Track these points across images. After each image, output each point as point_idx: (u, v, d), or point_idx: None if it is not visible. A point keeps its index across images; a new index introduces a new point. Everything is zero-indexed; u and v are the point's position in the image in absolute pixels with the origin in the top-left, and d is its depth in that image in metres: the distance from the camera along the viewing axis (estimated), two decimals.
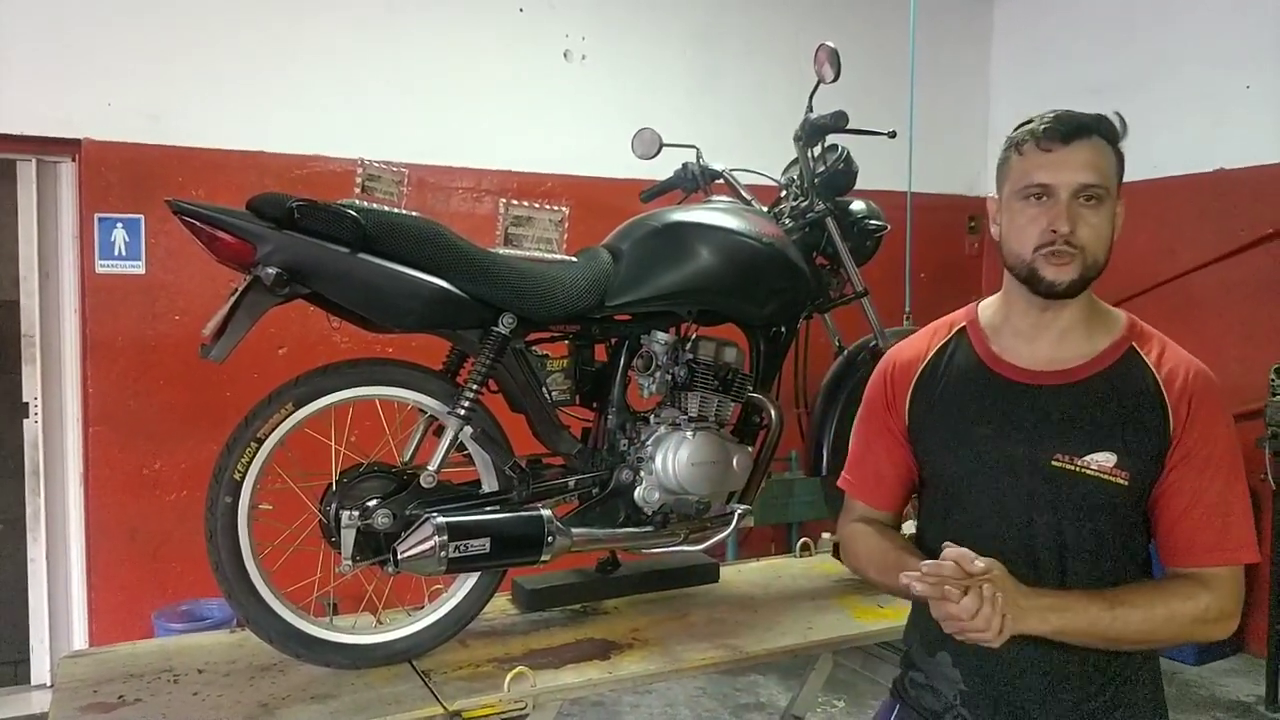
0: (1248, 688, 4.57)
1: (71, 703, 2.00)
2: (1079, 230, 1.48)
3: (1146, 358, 1.52)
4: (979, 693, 1.58)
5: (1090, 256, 1.50)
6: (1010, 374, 1.57)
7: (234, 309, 1.97)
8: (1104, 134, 1.52)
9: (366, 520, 2.11)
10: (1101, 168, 1.50)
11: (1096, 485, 1.47)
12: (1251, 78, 4.96)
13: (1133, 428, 1.48)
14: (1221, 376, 4.51)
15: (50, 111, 4.04)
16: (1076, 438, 1.49)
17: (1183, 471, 1.47)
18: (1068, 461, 1.49)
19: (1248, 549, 1.48)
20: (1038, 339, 1.57)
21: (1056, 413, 1.51)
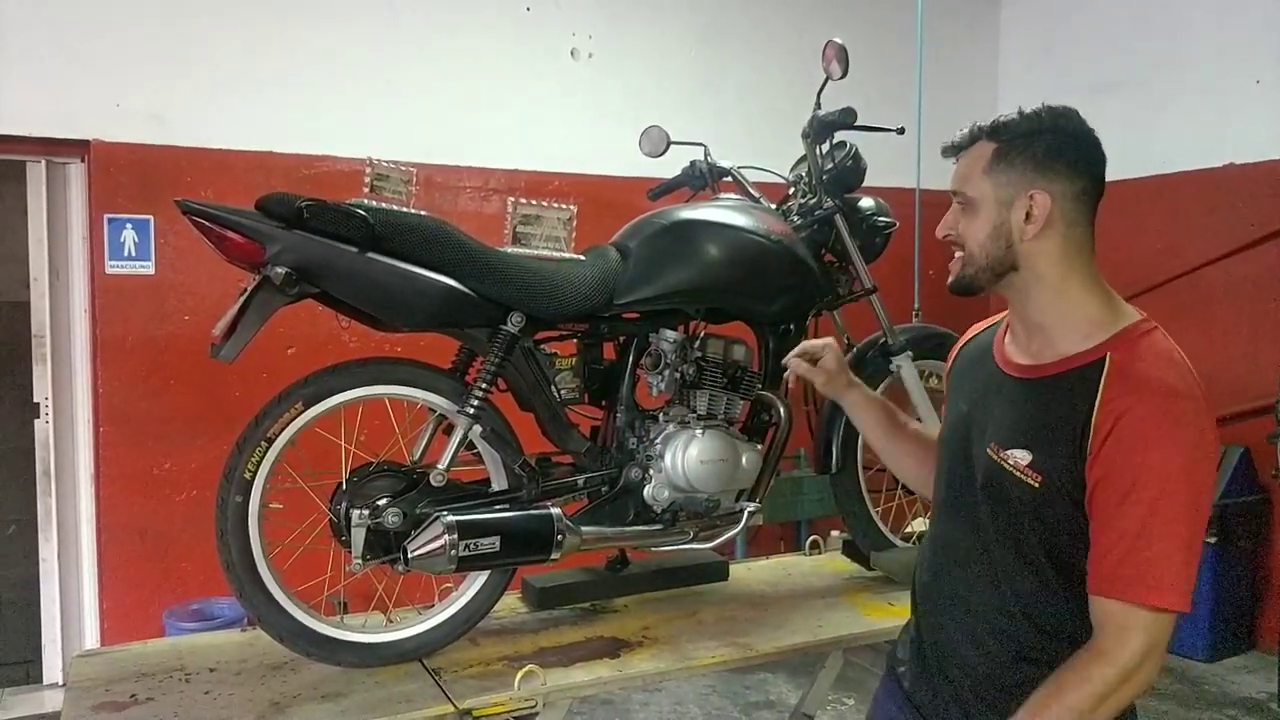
0: (1259, 685, 4.55)
1: (84, 701, 2.01)
2: (957, 233, 1.60)
3: (1111, 370, 1.45)
4: (922, 638, 1.70)
5: (968, 256, 1.58)
6: (998, 361, 1.63)
7: (243, 309, 1.97)
8: (991, 135, 1.55)
9: (376, 519, 2.11)
10: (968, 175, 1.57)
11: (1011, 480, 1.50)
12: (1261, 73, 4.94)
13: (1054, 432, 1.45)
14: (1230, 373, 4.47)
15: (59, 113, 4.06)
16: (1009, 431, 1.52)
17: (1105, 492, 1.39)
18: (995, 451, 1.53)
19: (1166, 593, 1.35)
20: (1024, 336, 1.59)
21: (1008, 405, 1.55)
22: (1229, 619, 4.84)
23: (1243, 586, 4.88)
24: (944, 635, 1.64)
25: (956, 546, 1.62)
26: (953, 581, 1.63)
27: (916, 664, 1.70)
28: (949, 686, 1.62)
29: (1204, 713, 4.31)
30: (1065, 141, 1.50)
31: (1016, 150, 1.51)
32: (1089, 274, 1.54)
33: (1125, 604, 1.37)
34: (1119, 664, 1.36)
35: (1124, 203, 5.57)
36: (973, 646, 1.58)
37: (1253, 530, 4.84)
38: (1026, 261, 1.52)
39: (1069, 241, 1.51)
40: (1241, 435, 4.87)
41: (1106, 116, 6.05)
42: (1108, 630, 1.39)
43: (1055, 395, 1.48)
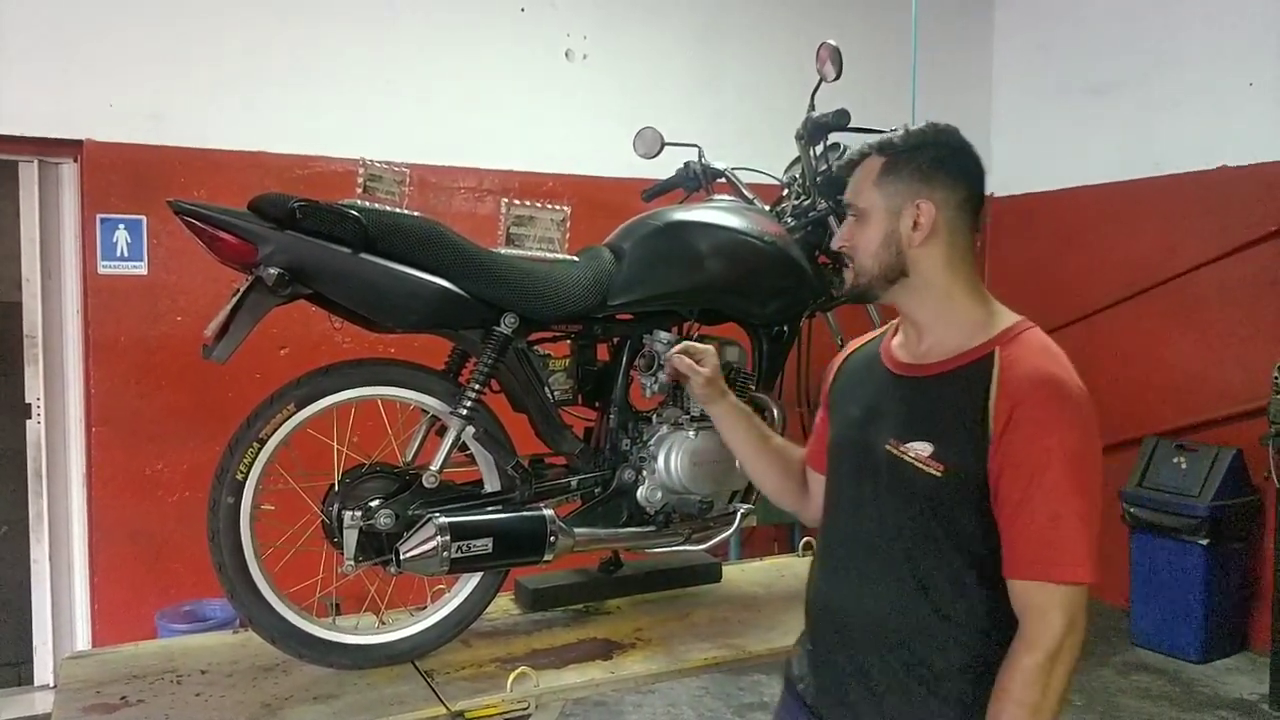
0: (1251, 686, 4.56)
1: (74, 703, 2.00)
2: (851, 244, 1.66)
3: (1000, 362, 1.52)
4: (816, 653, 1.72)
5: (860, 265, 1.65)
6: (889, 364, 1.69)
7: (236, 309, 1.97)
8: (879, 150, 1.64)
9: (369, 520, 2.11)
10: (858, 188, 1.65)
11: (913, 472, 1.54)
12: (1255, 74, 4.95)
13: (952, 423, 1.52)
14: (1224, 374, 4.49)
15: (52, 112, 4.05)
16: (907, 425, 1.58)
17: (1010, 480, 1.46)
18: (895, 446, 1.57)
19: (1076, 567, 1.43)
20: (914, 337, 1.66)
21: (900, 403, 1.62)
22: (1221, 620, 4.85)
23: (1235, 588, 4.89)
24: (842, 643, 1.65)
25: (857, 546, 1.64)
26: (851, 582, 1.65)
27: (815, 678, 1.71)
28: (853, 695, 1.62)
29: (1196, 714, 4.32)
30: (947, 154, 1.61)
31: (903, 162, 1.61)
32: (971, 279, 1.63)
33: (1042, 584, 1.44)
34: (1047, 646, 1.42)
35: (1118, 204, 5.59)
36: (874, 648, 1.59)
37: (1245, 532, 4.85)
38: (915, 267, 1.60)
39: (953, 248, 1.61)
40: (1234, 437, 4.89)
41: (1101, 118, 6.09)
42: (1030, 615, 1.45)
43: (950, 389, 1.56)
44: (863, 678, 1.60)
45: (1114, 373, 5.63)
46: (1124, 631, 5.16)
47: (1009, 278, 6.30)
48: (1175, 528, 4.81)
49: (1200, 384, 5.19)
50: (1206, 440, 4.99)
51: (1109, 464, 5.49)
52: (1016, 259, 6.26)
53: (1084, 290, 5.78)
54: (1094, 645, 5.09)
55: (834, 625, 1.67)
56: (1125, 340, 5.56)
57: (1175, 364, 5.33)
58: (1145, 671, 4.76)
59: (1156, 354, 5.42)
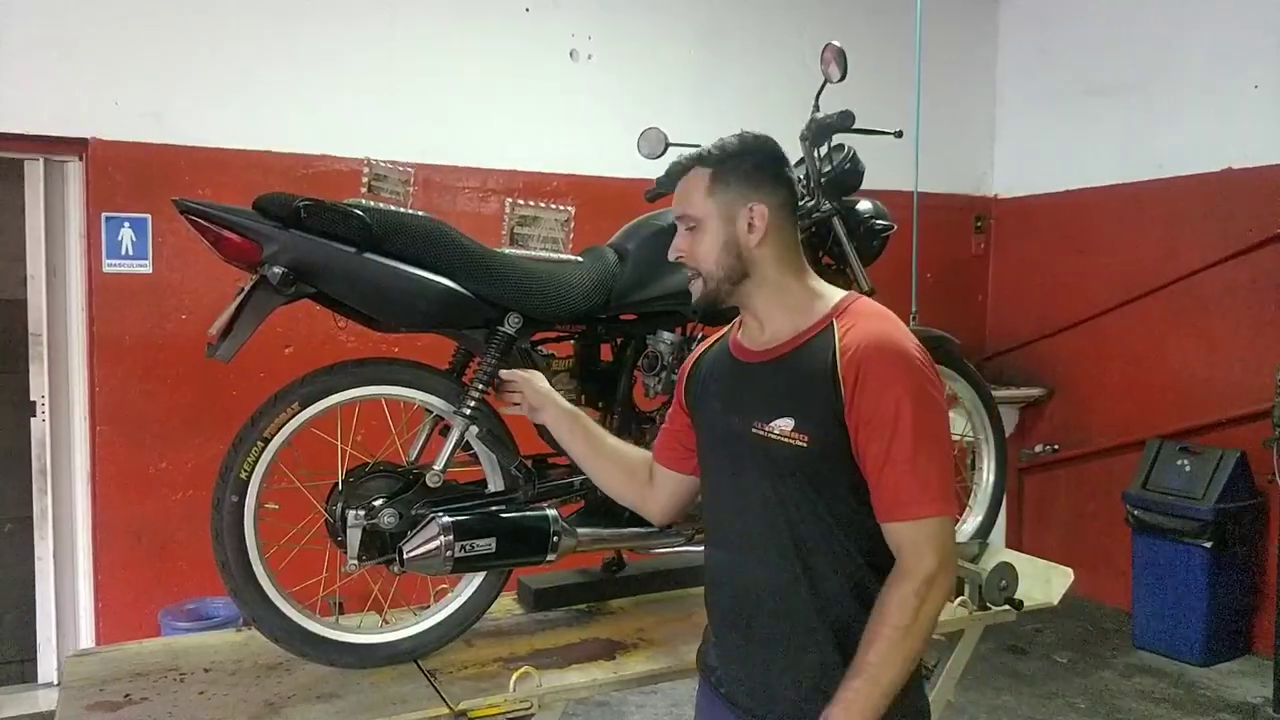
0: (1255, 689, 4.56)
1: (78, 701, 2.01)
2: (689, 254, 1.74)
3: (837, 333, 1.65)
4: (721, 639, 1.82)
5: (705, 272, 1.73)
6: (740, 355, 1.78)
7: (240, 308, 1.97)
8: (703, 162, 1.73)
9: (372, 520, 2.11)
10: (688, 198, 1.74)
11: (781, 447, 1.63)
12: (1259, 77, 4.94)
13: (807, 394, 1.63)
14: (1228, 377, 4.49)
15: (57, 111, 4.06)
16: (767, 406, 1.67)
17: (868, 435, 1.58)
18: (760, 428, 1.66)
19: (939, 503, 1.57)
20: (757, 326, 1.76)
21: (757, 386, 1.71)
22: (1224, 623, 4.85)
23: (1238, 590, 4.88)
24: (739, 619, 1.74)
25: (746, 529, 1.71)
26: (745, 564, 1.72)
27: (722, 660, 1.80)
28: (763, 676, 1.71)
29: (1199, 717, 4.31)
30: (766, 159, 1.73)
31: (728, 171, 1.71)
32: (800, 268, 1.75)
33: (915, 522, 1.57)
34: (922, 575, 1.55)
35: (1122, 207, 5.59)
36: (766, 614, 1.69)
37: (1248, 534, 4.84)
38: (755, 267, 1.71)
39: (783, 244, 1.73)
40: (1238, 440, 4.88)
41: (1105, 120, 6.09)
42: (905, 551, 1.57)
43: (798, 365, 1.67)
44: (760, 646, 1.70)
45: (1118, 375, 5.63)
46: (1126, 633, 5.16)
47: (1012, 280, 6.31)
48: (1179, 530, 4.81)
49: (1204, 386, 5.18)
50: (1210, 443, 4.98)
51: (1113, 466, 5.47)
52: (1019, 261, 6.26)
53: (1087, 293, 5.77)
54: (1096, 646, 5.09)
55: (732, 606, 1.76)
56: (1129, 343, 5.56)
57: (1179, 366, 5.32)
58: (1147, 674, 4.75)
59: (1160, 356, 5.41)
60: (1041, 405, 5.99)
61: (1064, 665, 4.83)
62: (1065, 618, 5.36)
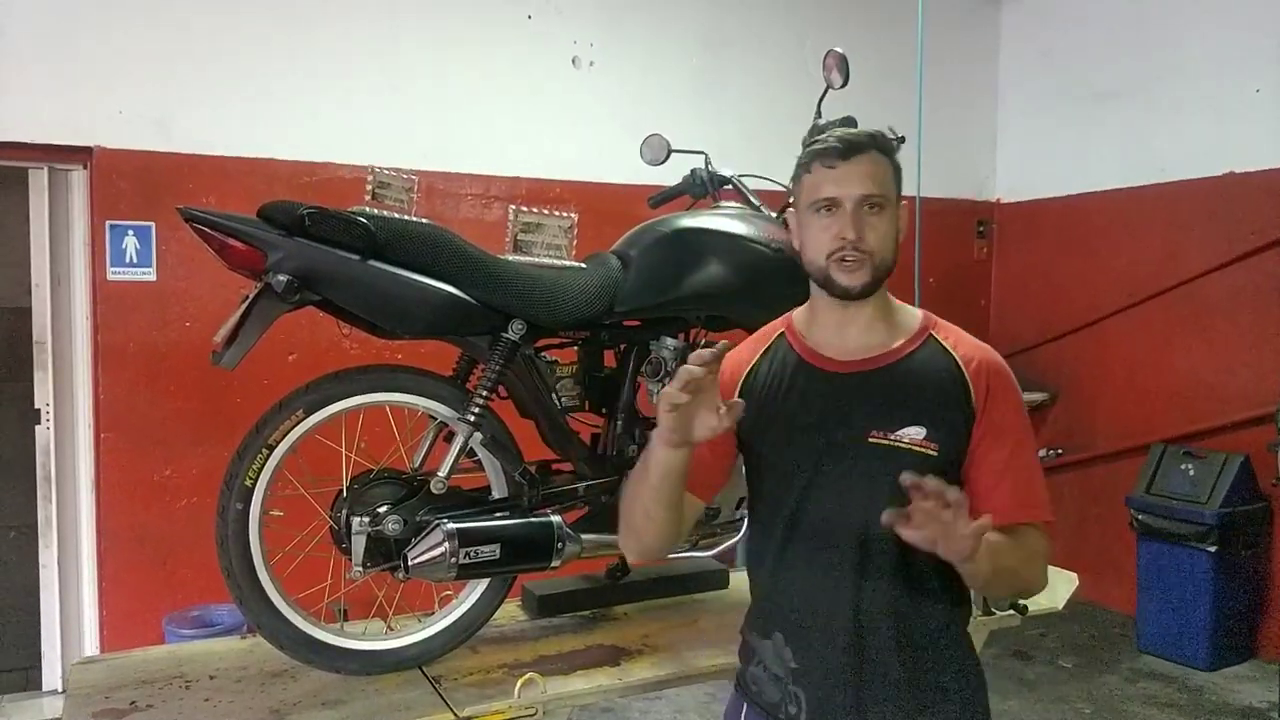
0: (1260, 694, 4.54)
1: (84, 709, 2.01)
2: (866, 236, 1.61)
3: (944, 343, 1.67)
4: (806, 669, 1.66)
5: (879, 258, 1.63)
6: (826, 365, 1.69)
7: (245, 316, 1.98)
8: (880, 148, 1.65)
9: (377, 526, 2.12)
10: (880, 178, 1.63)
11: (910, 457, 1.58)
12: (1261, 80, 4.94)
13: (939, 403, 1.62)
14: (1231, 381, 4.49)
15: (62, 119, 4.07)
16: (889, 415, 1.62)
17: (990, 442, 1.61)
18: (882, 437, 1.61)
19: (1050, 509, 1.65)
20: (845, 333, 1.69)
21: (870, 395, 1.64)
22: (1230, 628, 4.84)
23: (1243, 595, 4.87)
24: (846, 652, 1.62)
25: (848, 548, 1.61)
26: (846, 586, 1.62)
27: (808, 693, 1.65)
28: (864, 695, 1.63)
29: None
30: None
31: (894, 164, 1.68)
32: None
33: (1037, 525, 1.63)
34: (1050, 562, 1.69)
35: (1124, 211, 5.59)
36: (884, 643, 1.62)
37: (1253, 539, 4.83)
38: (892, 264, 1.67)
39: None
40: (1242, 444, 4.87)
41: (1107, 124, 6.09)
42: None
43: (916, 374, 1.64)
44: (856, 673, 1.62)
45: (1121, 379, 5.63)
46: (1131, 638, 5.15)
47: (1015, 284, 6.31)
48: (1183, 534, 4.80)
49: (1207, 390, 5.18)
50: (1214, 447, 4.98)
51: (1117, 470, 5.46)
52: (1022, 265, 6.26)
53: (1090, 297, 5.77)
54: (1101, 651, 5.08)
55: (828, 634, 1.64)
56: (1132, 347, 5.55)
57: (1182, 370, 5.31)
58: (1152, 679, 4.74)
59: (1163, 360, 5.41)
60: (1045, 409, 5.99)
61: (1069, 670, 4.82)
62: (1070, 622, 5.35)
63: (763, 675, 1.74)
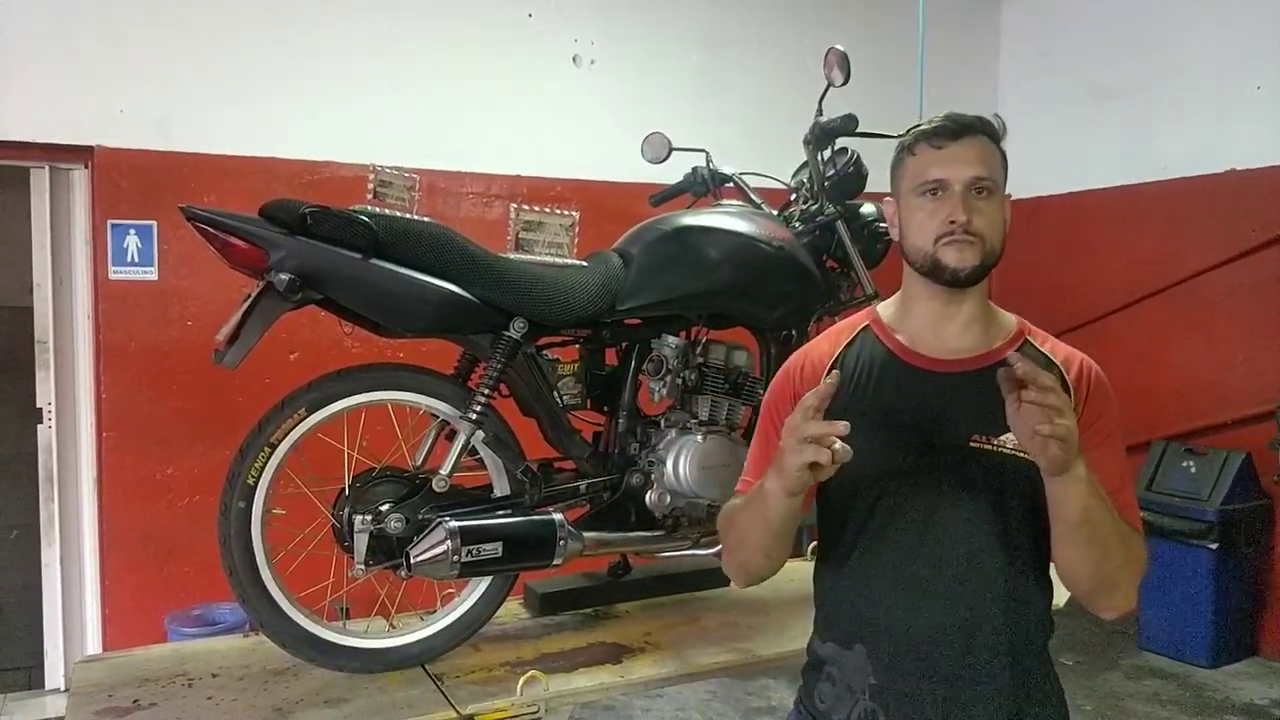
0: (1262, 690, 4.55)
1: (87, 707, 2.01)
2: (975, 220, 1.55)
3: (1041, 348, 1.62)
4: (888, 685, 1.57)
5: (988, 244, 1.57)
6: (921, 363, 1.60)
7: (247, 315, 1.98)
8: (988, 133, 1.61)
9: (379, 525, 2.12)
10: (990, 162, 1.58)
11: (1012, 463, 1.50)
12: (1261, 78, 4.94)
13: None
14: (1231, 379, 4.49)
15: (63, 119, 4.07)
16: (991, 419, 1.49)
17: (1087, 445, 1.46)
18: (984, 441, 1.53)
19: (1140, 517, 1.60)
20: (943, 330, 1.61)
21: (969, 397, 1.55)
22: (1231, 625, 4.84)
23: (1245, 592, 4.87)
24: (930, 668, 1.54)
25: (945, 558, 1.53)
26: (939, 601, 1.54)
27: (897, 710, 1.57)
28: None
29: (1206, 719, 4.30)
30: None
31: (1001, 151, 1.63)
32: None
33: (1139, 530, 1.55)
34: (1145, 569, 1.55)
35: (1125, 208, 5.58)
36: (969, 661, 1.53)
37: (1254, 536, 4.83)
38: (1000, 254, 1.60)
39: None
40: (1243, 441, 4.87)
41: (1107, 123, 6.07)
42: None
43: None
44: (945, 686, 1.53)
45: (1121, 376, 5.58)
46: (1132, 635, 5.15)
47: (1015, 281, 6.28)
48: (1184, 532, 4.80)
49: (1208, 388, 5.18)
50: (1215, 444, 4.97)
51: None
52: (1022, 262, 6.24)
53: (1090, 294, 5.77)
54: (1102, 649, 5.08)
55: (920, 652, 1.54)
56: (1132, 344, 5.55)
57: (1183, 368, 5.31)
58: (1154, 676, 4.75)
59: (1164, 358, 5.40)
60: None
61: (1070, 667, 4.82)
62: (1071, 620, 5.34)
63: (830, 691, 1.64)
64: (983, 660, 1.53)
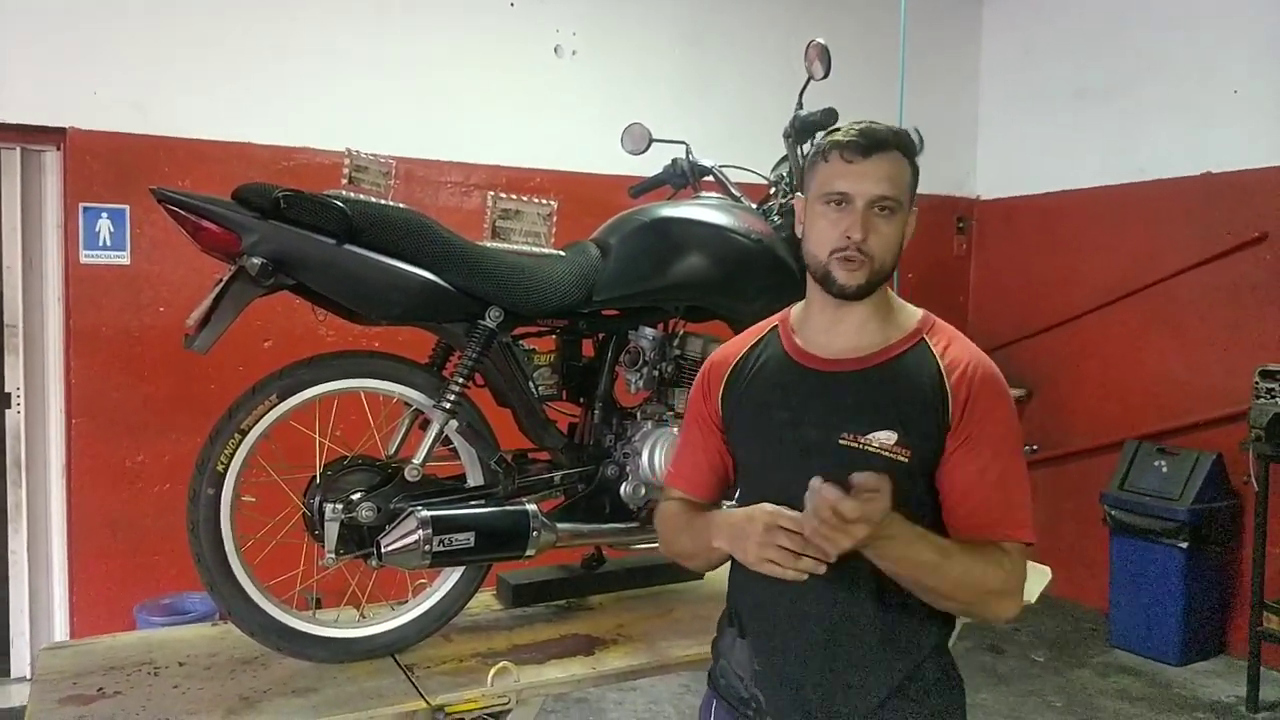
0: (1228, 689, 4.59)
1: (50, 695, 1.99)
2: (870, 239, 1.57)
3: (934, 348, 1.61)
4: (768, 671, 1.65)
5: (878, 263, 1.58)
6: (809, 363, 1.66)
7: (218, 299, 1.96)
8: (902, 149, 1.61)
9: (350, 513, 2.10)
10: (897, 181, 1.59)
11: (880, 462, 1.53)
12: (1239, 82, 4.98)
13: (914, 408, 1.57)
14: (1205, 379, 4.52)
15: (35, 100, 4.01)
16: (862, 418, 1.57)
17: (964, 453, 1.55)
18: (853, 440, 1.56)
19: (1028, 529, 1.57)
20: (835, 331, 1.65)
21: (846, 396, 1.60)
22: (1200, 623, 4.89)
23: (1214, 591, 4.93)
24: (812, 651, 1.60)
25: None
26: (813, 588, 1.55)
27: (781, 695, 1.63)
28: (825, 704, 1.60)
29: (1174, 715, 4.35)
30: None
31: (913, 166, 1.63)
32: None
33: (1015, 545, 1.56)
34: (1014, 589, 1.54)
35: (1103, 209, 5.62)
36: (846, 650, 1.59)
37: (1224, 536, 4.88)
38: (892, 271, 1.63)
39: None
40: (1215, 441, 4.92)
41: (1087, 123, 6.11)
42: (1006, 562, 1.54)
43: (896, 377, 1.59)
44: (824, 673, 1.59)
45: (1096, 376, 5.67)
46: (1103, 633, 5.19)
47: (992, 281, 6.33)
48: (1155, 531, 4.84)
49: (1182, 388, 5.22)
50: (1187, 444, 5.02)
51: (1091, 466, 5.50)
52: (1000, 262, 6.29)
53: (1067, 294, 5.81)
54: (1073, 646, 5.12)
55: (795, 632, 1.62)
56: (1107, 344, 5.59)
57: (1157, 368, 5.36)
58: (1124, 673, 4.79)
59: (1138, 358, 5.45)
60: (1021, 406, 6.02)
61: (1041, 664, 4.86)
62: (1043, 617, 5.39)
63: (729, 670, 1.73)
64: (856, 655, 1.59)
